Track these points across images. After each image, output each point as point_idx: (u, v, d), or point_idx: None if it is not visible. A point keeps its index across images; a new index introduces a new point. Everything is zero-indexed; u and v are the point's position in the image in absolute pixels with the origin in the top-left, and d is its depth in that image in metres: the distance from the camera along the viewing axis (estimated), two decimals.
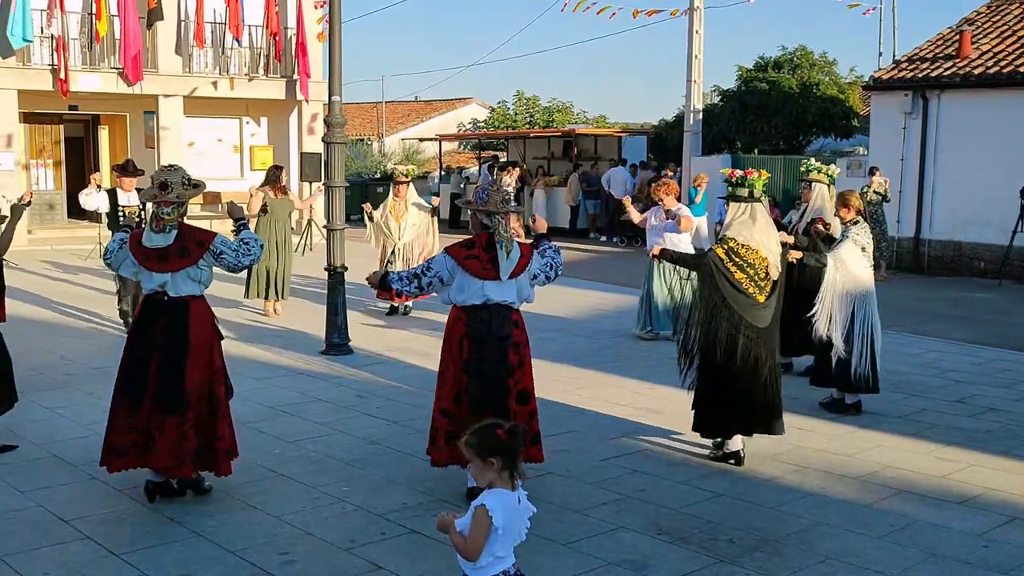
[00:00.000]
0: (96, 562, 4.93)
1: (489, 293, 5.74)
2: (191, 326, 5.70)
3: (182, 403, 5.60)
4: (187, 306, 5.72)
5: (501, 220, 5.78)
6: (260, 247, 5.91)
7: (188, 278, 5.70)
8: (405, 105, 48.28)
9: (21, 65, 20.25)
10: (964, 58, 18.49)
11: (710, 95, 26.86)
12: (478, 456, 3.47)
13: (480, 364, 5.71)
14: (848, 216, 7.97)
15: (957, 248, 18.30)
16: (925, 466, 6.60)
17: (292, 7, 22.82)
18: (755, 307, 6.45)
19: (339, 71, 10.07)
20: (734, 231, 6.50)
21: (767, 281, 6.49)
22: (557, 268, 6.08)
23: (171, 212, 5.70)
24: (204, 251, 5.72)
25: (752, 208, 6.56)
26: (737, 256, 6.43)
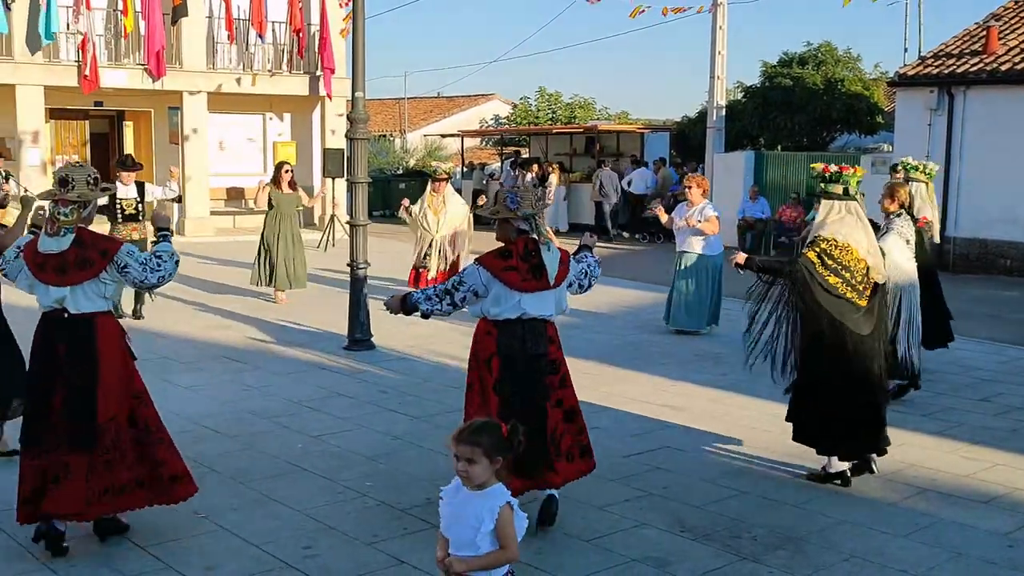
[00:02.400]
0: (122, 554, 4.97)
1: (526, 307, 5.26)
2: (99, 347, 4.95)
3: (92, 438, 4.88)
4: (92, 324, 4.96)
5: (539, 219, 5.41)
6: (175, 263, 5.16)
7: (91, 293, 4.96)
8: (427, 101, 48.30)
9: (47, 61, 20.42)
10: (991, 54, 18.33)
11: (733, 91, 26.72)
12: (487, 456, 3.40)
13: (512, 385, 5.23)
14: (892, 208, 7.90)
15: (983, 246, 18.15)
16: (950, 465, 6.56)
17: (316, 3, 22.88)
18: (855, 313, 5.97)
19: (362, 67, 10.10)
20: (828, 231, 6.01)
21: (866, 284, 6.00)
22: (592, 276, 5.70)
23: (69, 213, 4.98)
24: (107, 262, 4.96)
25: (846, 206, 6.07)
26: (831, 259, 5.94)
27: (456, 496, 3.50)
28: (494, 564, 3.39)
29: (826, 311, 5.95)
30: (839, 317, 5.95)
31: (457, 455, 3.45)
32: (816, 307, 5.97)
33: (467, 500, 3.43)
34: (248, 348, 10.14)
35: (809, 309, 6.01)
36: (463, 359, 9.42)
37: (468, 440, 3.43)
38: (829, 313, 5.96)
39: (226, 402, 7.95)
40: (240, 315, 11.89)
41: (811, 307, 5.99)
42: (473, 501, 3.41)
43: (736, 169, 21.95)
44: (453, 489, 3.53)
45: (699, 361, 9.75)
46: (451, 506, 3.50)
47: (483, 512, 3.37)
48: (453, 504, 3.49)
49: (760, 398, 8.25)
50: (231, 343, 10.36)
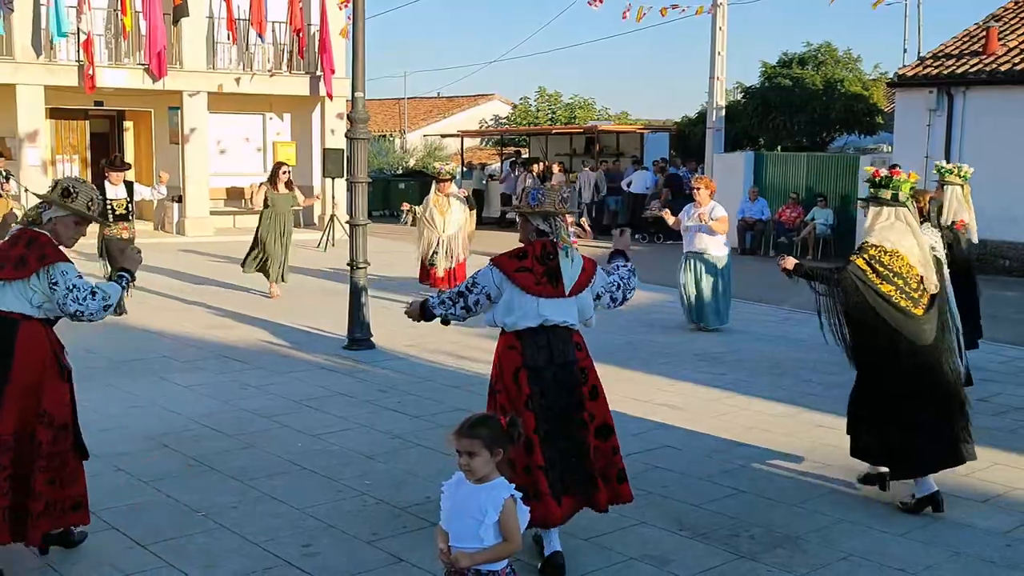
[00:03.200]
0: (122, 552, 4.99)
1: (546, 312, 4.86)
2: (16, 351, 4.66)
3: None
4: (15, 325, 4.68)
5: (561, 222, 4.98)
6: (102, 308, 4.77)
7: (18, 293, 4.70)
8: (427, 101, 48.32)
9: (47, 61, 20.43)
10: (990, 54, 18.35)
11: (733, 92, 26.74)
12: (487, 448, 3.44)
13: (545, 398, 4.84)
14: None
15: (982, 246, 18.11)
16: None
17: (316, 3, 22.90)
18: (913, 322, 5.67)
19: (362, 67, 10.11)
20: (876, 237, 5.75)
21: (921, 292, 5.72)
22: (627, 291, 5.26)
23: (32, 210, 4.89)
24: (39, 268, 4.67)
25: (895, 212, 5.79)
26: (881, 265, 5.67)
27: (458, 490, 3.52)
28: (499, 556, 3.42)
29: (883, 320, 5.66)
30: (896, 326, 5.65)
31: (458, 449, 3.47)
32: (872, 316, 5.67)
33: (470, 493, 3.45)
34: (248, 347, 10.15)
35: (862, 319, 5.71)
36: (463, 359, 9.52)
37: (468, 433, 3.46)
38: (886, 322, 5.66)
39: (226, 401, 7.97)
40: (240, 314, 11.91)
41: (866, 316, 5.69)
42: (476, 494, 3.44)
43: (736, 170, 21.95)
44: (454, 484, 3.55)
45: (698, 361, 9.77)
46: (452, 500, 3.52)
47: (487, 504, 3.40)
48: (455, 498, 3.51)
49: (759, 398, 8.27)
50: (231, 342, 10.37)
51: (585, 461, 4.87)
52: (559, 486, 4.78)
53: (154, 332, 10.64)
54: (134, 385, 8.43)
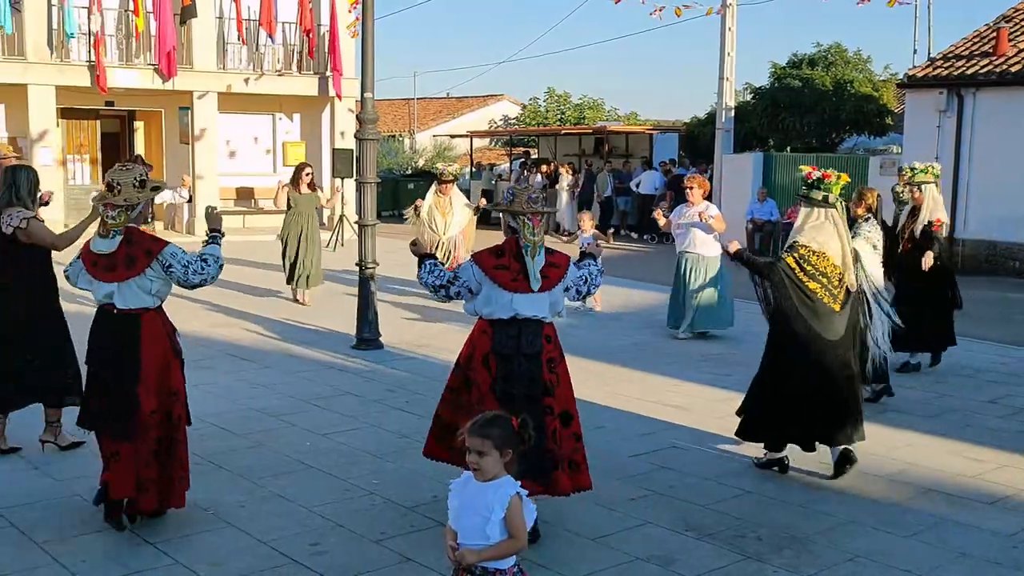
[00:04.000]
0: (131, 550, 5.02)
1: (518, 307, 5.21)
2: (143, 342, 5.19)
3: (134, 427, 5.13)
4: (137, 320, 5.20)
5: (528, 222, 5.27)
6: (219, 267, 5.40)
7: (137, 289, 5.19)
8: (437, 102, 48.37)
9: (59, 61, 20.52)
10: (1001, 55, 18.30)
11: (742, 92, 26.72)
12: (497, 448, 3.44)
13: (509, 386, 5.17)
14: (860, 212, 7.86)
15: (991, 247, 18.12)
16: (955, 466, 6.57)
17: (325, 4, 22.96)
18: (829, 317, 6.13)
19: (372, 68, 10.13)
20: (805, 237, 6.14)
21: (841, 289, 6.16)
22: (591, 285, 5.63)
23: (117, 216, 5.23)
24: (151, 260, 5.20)
25: (826, 213, 6.17)
26: (808, 264, 6.08)
27: (465, 489, 3.52)
28: (505, 553, 3.43)
29: (800, 315, 6.12)
30: (811, 322, 6.10)
31: (468, 447, 3.47)
32: (792, 310, 6.13)
33: (477, 491, 3.46)
34: (256, 346, 10.19)
35: (782, 311, 6.18)
36: None
37: (479, 432, 3.46)
38: (803, 317, 6.11)
39: (234, 400, 8.00)
40: (249, 314, 11.95)
41: (785, 309, 6.16)
42: (483, 492, 3.44)
43: (745, 170, 21.93)
44: (462, 482, 3.56)
45: (704, 361, 9.77)
46: (460, 498, 3.53)
47: (493, 502, 3.41)
48: (462, 496, 3.52)
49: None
50: (240, 341, 10.41)
51: (547, 446, 5.13)
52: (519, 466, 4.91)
53: None
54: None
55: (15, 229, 6.33)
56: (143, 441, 5.15)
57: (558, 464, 5.20)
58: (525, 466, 4.83)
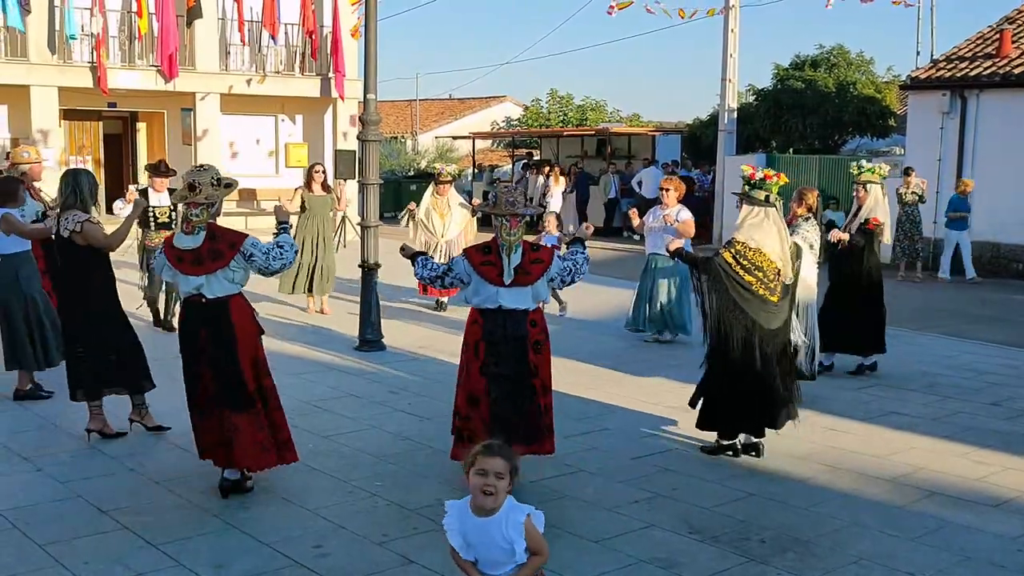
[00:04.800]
0: (134, 552, 5.01)
1: (503, 300, 5.79)
2: (236, 324, 5.73)
3: (248, 399, 5.70)
4: (227, 305, 5.73)
5: (506, 222, 5.81)
6: (294, 253, 5.88)
7: (223, 280, 5.70)
8: (439, 103, 48.36)
9: (61, 62, 20.54)
10: (1004, 57, 18.28)
11: (745, 94, 26.69)
12: (511, 475, 3.40)
13: (498, 367, 5.77)
14: (800, 212, 8.02)
15: (995, 249, 18.10)
16: (959, 468, 6.55)
17: (328, 5, 22.97)
18: (766, 308, 6.46)
19: (375, 69, 10.13)
20: (743, 234, 6.47)
21: (778, 282, 6.47)
22: (576, 274, 6.04)
23: (200, 213, 5.70)
24: (235, 253, 5.69)
25: (765, 212, 6.50)
26: (745, 259, 6.41)
27: (466, 523, 3.44)
28: (536, 568, 3.46)
29: (739, 306, 6.43)
30: (751, 313, 6.43)
31: (485, 469, 3.36)
32: (730, 303, 6.44)
33: (486, 526, 3.39)
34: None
35: (724, 302, 6.47)
36: None
37: (503, 455, 3.38)
38: (741, 308, 6.43)
39: None
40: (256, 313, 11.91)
41: (725, 302, 6.46)
42: (495, 526, 3.38)
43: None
44: (457, 516, 3.47)
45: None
46: (465, 533, 3.43)
47: (511, 534, 3.36)
48: (467, 531, 3.43)
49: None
50: None
51: (539, 420, 5.88)
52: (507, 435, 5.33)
53: (164, 333, 10.66)
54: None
55: (71, 232, 6.60)
56: (255, 410, 5.69)
57: (544, 431, 5.94)
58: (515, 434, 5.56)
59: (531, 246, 6.01)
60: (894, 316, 10.04)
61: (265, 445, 5.74)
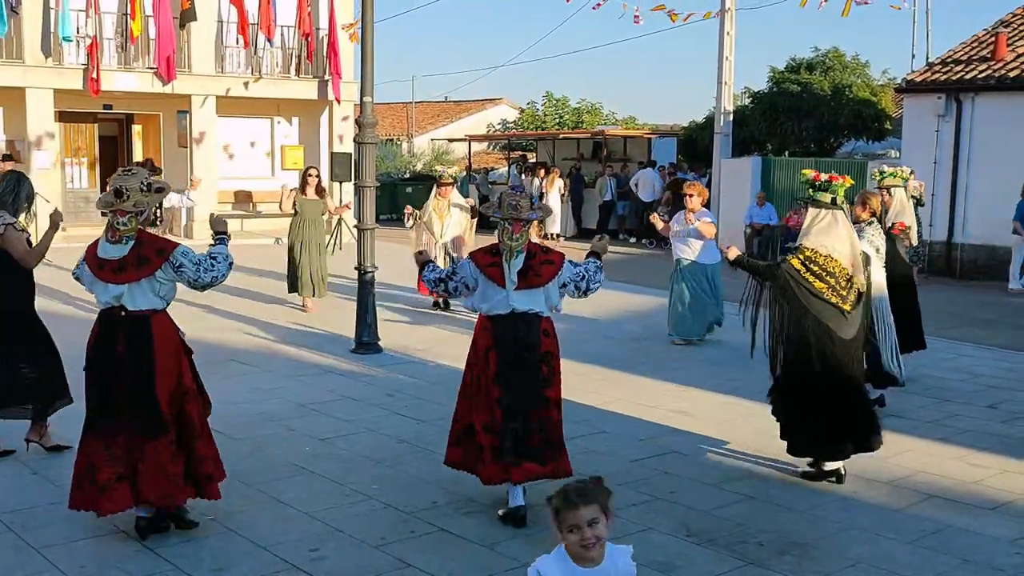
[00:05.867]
0: (132, 556, 5.00)
1: (514, 302, 5.53)
2: (155, 342, 5.17)
3: (161, 425, 5.14)
4: (148, 321, 5.18)
5: (507, 226, 5.56)
6: (228, 265, 5.40)
7: (147, 290, 5.18)
8: (435, 105, 48.36)
9: (56, 64, 20.51)
10: (999, 60, 18.30)
11: (741, 97, 26.71)
12: (605, 513, 3.09)
13: (510, 376, 5.49)
14: (864, 216, 7.83)
15: (991, 252, 18.11)
16: (957, 471, 6.55)
17: (324, 8, 22.96)
18: (840, 317, 6.07)
19: (371, 72, 10.11)
20: (811, 239, 6.11)
21: (850, 290, 6.10)
22: (590, 282, 5.74)
23: (128, 222, 5.18)
24: (163, 261, 5.17)
25: (833, 215, 6.15)
26: (815, 265, 6.05)
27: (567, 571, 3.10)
28: None
29: (812, 315, 6.06)
30: (825, 321, 6.05)
31: (576, 524, 3.05)
32: (802, 311, 6.08)
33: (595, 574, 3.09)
34: (255, 351, 10.16)
35: (795, 312, 6.12)
36: None
37: (587, 500, 3.06)
38: (815, 317, 6.06)
39: (234, 404, 7.96)
40: (248, 318, 11.93)
41: (796, 311, 6.10)
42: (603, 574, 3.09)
43: (743, 175, 21.92)
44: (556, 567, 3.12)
45: (706, 366, 9.75)
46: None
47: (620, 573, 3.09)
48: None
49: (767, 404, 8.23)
50: (239, 345, 10.39)
51: (546, 431, 5.53)
52: (513, 452, 5.41)
53: None
54: None
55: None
56: (167, 439, 5.15)
57: (558, 449, 5.59)
58: (530, 452, 5.39)
59: (541, 248, 5.77)
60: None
61: (176, 479, 5.15)
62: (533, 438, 5.48)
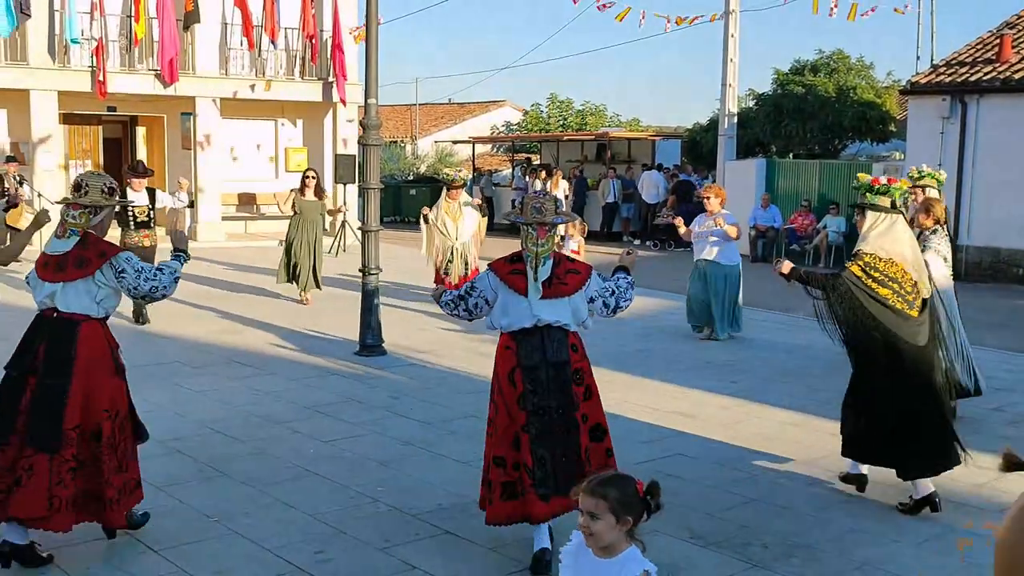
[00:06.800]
0: (136, 558, 4.99)
1: (539, 312, 4.99)
2: (78, 351, 4.88)
3: (57, 440, 4.78)
4: (76, 327, 4.92)
5: (532, 232, 5.09)
6: (173, 280, 5.18)
7: (82, 292, 4.94)
8: (439, 107, 48.39)
9: (61, 67, 20.53)
10: (1004, 62, 18.28)
11: (745, 99, 26.70)
12: (613, 513, 2.97)
13: (538, 397, 4.93)
14: (928, 224, 7.59)
15: (995, 254, 18.10)
16: (962, 474, 6.50)
17: (328, 10, 22.97)
18: (908, 323, 5.80)
19: (375, 74, 10.11)
20: (871, 244, 5.86)
21: (915, 295, 5.84)
22: (620, 299, 5.37)
23: (78, 217, 5.04)
24: (103, 263, 4.97)
25: (891, 219, 5.91)
26: (876, 271, 5.79)
27: (579, 560, 3.09)
28: None
29: (879, 322, 5.76)
30: (893, 328, 5.76)
31: (580, 508, 3.03)
32: (868, 319, 5.77)
33: (596, 568, 3.03)
34: (259, 353, 10.16)
35: (860, 321, 5.79)
36: (473, 365, 9.51)
37: (593, 491, 3.00)
38: (883, 324, 5.76)
39: (237, 406, 7.97)
40: (251, 320, 11.93)
41: (862, 319, 5.78)
42: (605, 570, 3.01)
43: (748, 177, 21.91)
44: (573, 550, 3.12)
45: (710, 368, 9.74)
46: (573, 570, 3.11)
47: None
48: (576, 569, 3.10)
49: (771, 406, 8.24)
50: (242, 347, 10.39)
51: (578, 462, 4.94)
52: (550, 484, 4.88)
53: (165, 337, 10.66)
54: (146, 390, 8.40)
55: None
56: (60, 457, 4.79)
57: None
58: (555, 483, 4.86)
59: (567, 258, 5.38)
60: None
61: (59, 503, 4.77)
62: (559, 469, 4.92)
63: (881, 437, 5.82)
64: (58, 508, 4.78)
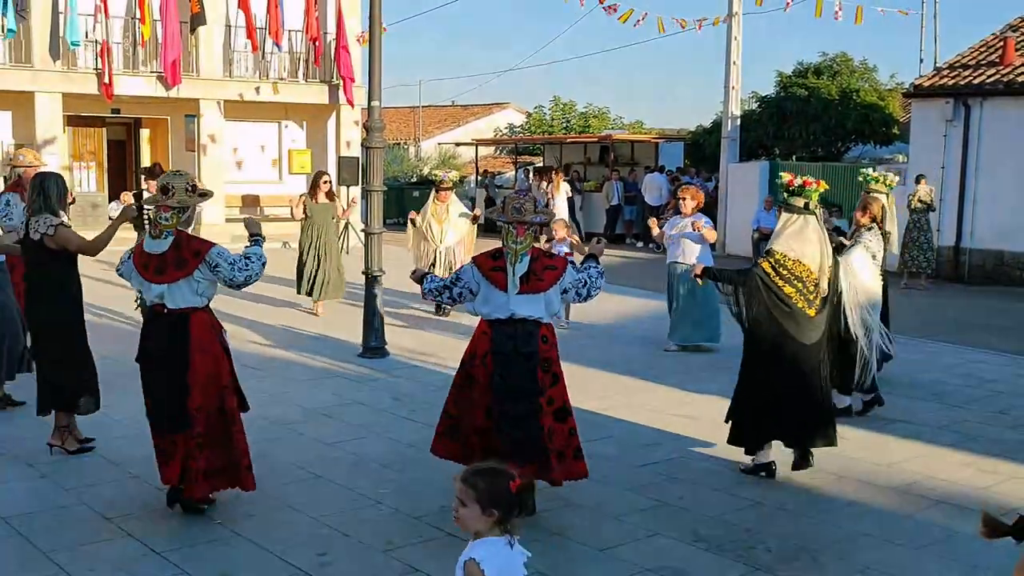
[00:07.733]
0: (139, 560, 5.00)
1: (515, 307, 5.49)
2: (192, 340, 5.46)
3: (186, 421, 5.42)
4: (187, 319, 5.49)
5: (512, 230, 5.53)
6: (261, 265, 5.68)
7: (186, 290, 5.49)
8: (442, 110, 48.41)
9: (65, 69, 20.57)
10: (1007, 65, 18.27)
11: (748, 101, 26.70)
12: (479, 503, 3.07)
13: (506, 382, 5.47)
14: (864, 221, 7.85)
15: (998, 257, 18.08)
16: (966, 477, 6.53)
17: (332, 12, 23.00)
18: (804, 322, 6.21)
19: (379, 76, 10.12)
20: (782, 243, 6.25)
21: (816, 295, 6.23)
22: (592, 288, 5.77)
23: (170, 218, 5.51)
24: (199, 262, 5.48)
25: (804, 220, 6.26)
26: (784, 269, 6.18)
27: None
28: None
29: (775, 319, 6.20)
30: (786, 326, 6.19)
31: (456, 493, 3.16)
32: (764, 316, 6.22)
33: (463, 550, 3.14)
34: (262, 355, 10.17)
35: (756, 318, 6.25)
36: None
37: (465, 479, 3.12)
38: (778, 322, 6.19)
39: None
40: (255, 322, 11.94)
41: (758, 316, 6.23)
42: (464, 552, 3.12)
43: (751, 179, 21.90)
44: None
45: (713, 371, 9.72)
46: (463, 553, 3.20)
47: (457, 566, 3.09)
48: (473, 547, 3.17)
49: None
50: (246, 350, 10.38)
51: (540, 439, 5.49)
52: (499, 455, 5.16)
53: None
54: None
55: (43, 235, 6.46)
56: (188, 435, 5.41)
57: (550, 456, 5.52)
58: (521, 454, 5.26)
59: (544, 253, 5.86)
60: (901, 325, 10.03)
61: (192, 474, 5.45)
62: (520, 445, 5.40)
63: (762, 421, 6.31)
64: (194, 479, 5.42)
